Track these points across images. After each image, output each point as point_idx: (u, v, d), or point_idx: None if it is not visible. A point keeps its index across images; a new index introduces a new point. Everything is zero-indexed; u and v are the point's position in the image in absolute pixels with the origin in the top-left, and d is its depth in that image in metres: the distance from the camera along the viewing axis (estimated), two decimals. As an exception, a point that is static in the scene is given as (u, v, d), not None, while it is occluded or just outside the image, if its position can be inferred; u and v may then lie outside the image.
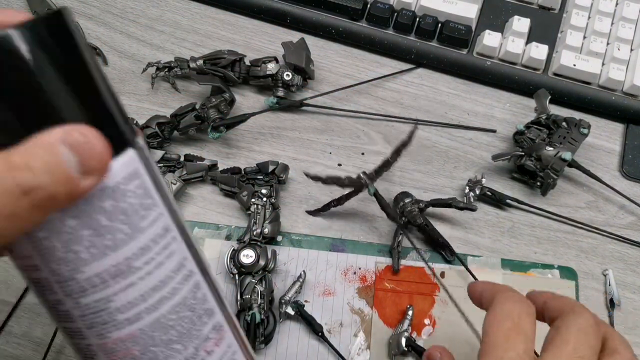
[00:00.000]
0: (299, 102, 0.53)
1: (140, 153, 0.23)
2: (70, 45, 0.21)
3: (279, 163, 0.50)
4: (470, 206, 0.48)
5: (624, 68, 0.55)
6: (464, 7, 0.56)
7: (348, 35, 0.57)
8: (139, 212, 0.22)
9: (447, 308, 0.46)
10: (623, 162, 0.54)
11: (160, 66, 0.53)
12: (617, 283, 0.49)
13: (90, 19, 0.57)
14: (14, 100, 0.19)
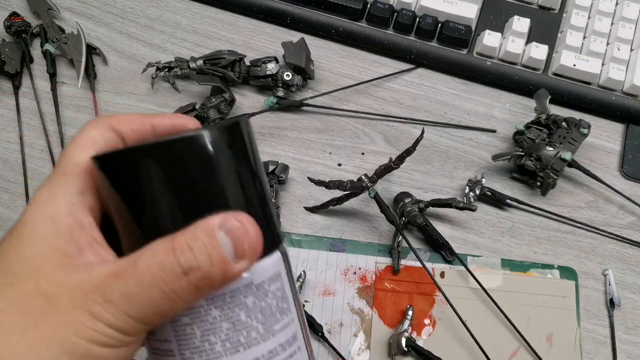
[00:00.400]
0: (299, 102, 0.53)
1: (284, 258, 0.24)
2: (244, 150, 0.23)
3: (279, 163, 0.50)
4: (470, 206, 0.48)
5: (624, 68, 0.55)
6: (464, 7, 0.56)
7: (348, 35, 0.57)
8: (275, 314, 0.23)
9: (447, 308, 0.46)
10: (623, 162, 0.54)
11: (160, 66, 0.53)
12: (617, 283, 0.49)
13: (90, 19, 0.57)
14: (195, 189, 0.21)
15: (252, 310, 0.22)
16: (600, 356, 0.47)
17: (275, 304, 0.23)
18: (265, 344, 0.23)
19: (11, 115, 0.53)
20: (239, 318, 0.22)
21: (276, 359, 0.23)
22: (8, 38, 0.55)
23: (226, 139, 0.22)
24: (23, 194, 0.50)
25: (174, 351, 0.22)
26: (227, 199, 0.22)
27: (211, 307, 0.22)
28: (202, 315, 0.22)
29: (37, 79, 0.54)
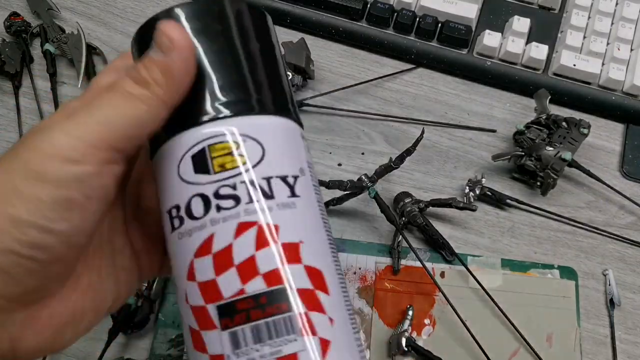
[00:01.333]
0: (299, 102, 0.53)
1: (303, 137, 0.26)
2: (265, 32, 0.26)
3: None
4: (470, 206, 0.48)
5: (624, 68, 0.55)
6: (464, 7, 0.56)
7: (348, 35, 0.57)
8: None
9: (447, 308, 0.46)
10: (623, 162, 0.54)
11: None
12: (617, 283, 0.49)
13: (90, 19, 0.57)
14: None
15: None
16: (600, 356, 0.47)
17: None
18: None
19: (11, 115, 0.53)
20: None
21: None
22: (8, 38, 0.55)
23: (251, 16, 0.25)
24: (23, 194, 0.50)
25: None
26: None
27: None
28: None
29: (37, 79, 0.54)
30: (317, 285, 0.22)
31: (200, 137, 0.23)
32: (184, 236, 0.23)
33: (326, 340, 0.22)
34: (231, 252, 0.22)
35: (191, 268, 0.22)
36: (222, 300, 0.22)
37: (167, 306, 0.46)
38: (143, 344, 0.45)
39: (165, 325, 0.45)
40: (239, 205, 0.22)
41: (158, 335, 0.45)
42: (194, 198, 0.23)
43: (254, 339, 0.21)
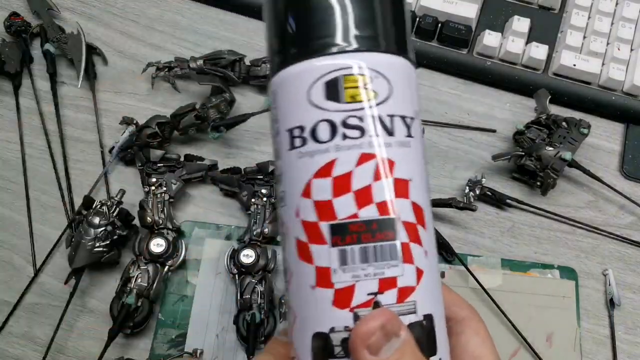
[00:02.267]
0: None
1: (415, 78, 0.26)
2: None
3: (279, 163, 0.49)
4: (470, 206, 0.48)
5: (624, 68, 0.55)
6: (464, 7, 0.56)
7: (348, 35, 0.57)
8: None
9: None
10: (623, 162, 0.54)
11: (160, 66, 0.53)
12: (617, 283, 0.49)
13: (90, 19, 0.57)
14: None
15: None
16: (600, 356, 0.47)
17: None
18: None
19: (11, 115, 0.53)
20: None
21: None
22: (8, 38, 0.55)
23: None
24: (23, 194, 0.50)
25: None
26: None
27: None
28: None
29: (37, 79, 0.54)
30: (419, 220, 0.25)
31: (335, 66, 0.24)
32: (305, 156, 0.24)
33: (421, 269, 0.24)
34: (350, 179, 0.24)
35: (308, 186, 0.24)
36: (335, 220, 0.24)
37: (167, 306, 0.46)
38: (143, 344, 0.45)
39: (165, 325, 0.45)
40: (364, 137, 0.24)
41: (158, 335, 0.45)
42: (322, 123, 0.24)
43: (361, 259, 0.23)
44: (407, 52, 0.26)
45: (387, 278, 0.24)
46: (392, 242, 0.24)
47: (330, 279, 0.24)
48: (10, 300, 0.46)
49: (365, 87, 0.24)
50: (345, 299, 0.23)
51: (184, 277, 0.47)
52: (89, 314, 0.46)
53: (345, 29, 0.25)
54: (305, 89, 0.25)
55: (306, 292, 0.24)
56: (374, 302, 0.23)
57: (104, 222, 0.44)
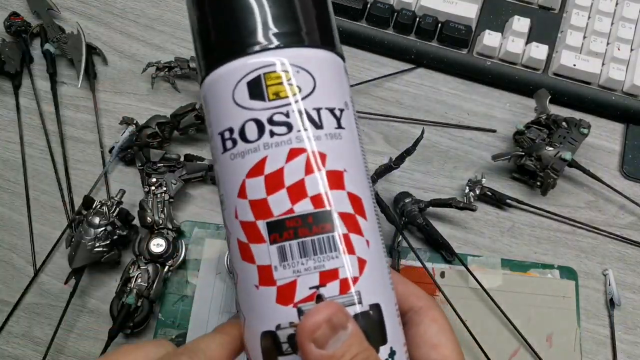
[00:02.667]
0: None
1: (344, 64, 0.27)
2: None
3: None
4: (470, 206, 0.48)
5: (624, 68, 0.55)
6: (464, 7, 0.56)
7: (348, 35, 0.57)
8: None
9: (447, 308, 0.46)
10: (623, 162, 0.54)
11: (160, 66, 0.53)
12: (617, 283, 0.49)
13: (90, 19, 0.57)
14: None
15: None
16: (600, 356, 0.47)
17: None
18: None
19: (11, 115, 0.53)
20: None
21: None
22: (8, 38, 0.55)
23: None
24: (23, 194, 0.50)
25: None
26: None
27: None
28: None
29: (37, 79, 0.54)
30: (357, 211, 0.25)
31: (255, 65, 0.25)
32: (237, 157, 0.25)
33: (363, 259, 0.24)
34: (282, 175, 0.24)
35: (243, 187, 0.24)
36: (272, 218, 0.24)
37: (167, 306, 0.46)
38: (143, 344, 0.45)
39: (165, 325, 0.45)
40: (291, 132, 0.24)
41: (158, 335, 0.45)
42: (249, 122, 0.24)
43: (300, 254, 0.24)
44: (332, 45, 0.26)
45: (328, 270, 0.24)
46: (330, 234, 0.24)
47: (273, 277, 0.24)
48: (10, 300, 0.46)
49: (289, 82, 0.24)
50: (288, 295, 0.24)
51: (184, 277, 0.47)
52: (89, 314, 0.46)
53: (264, 27, 0.25)
54: (230, 90, 0.25)
55: (251, 292, 0.25)
56: (317, 295, 0.23)
57: (104, 222, 0.44)
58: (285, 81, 0.24)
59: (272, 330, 0.24)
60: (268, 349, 0.24)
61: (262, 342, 0.24)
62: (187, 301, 0.46)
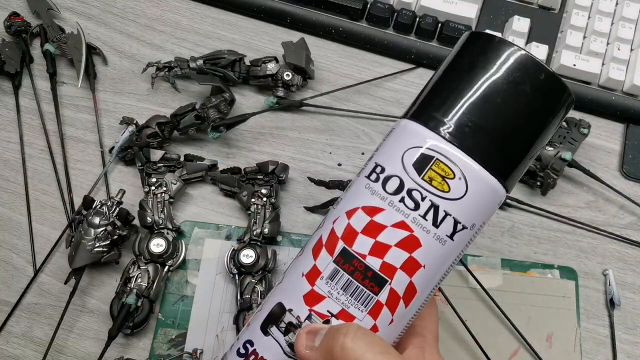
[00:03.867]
0: (299, 102, 0.53)
1: (503, 197, 0.30)
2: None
3: (279, 163, 0.50)
4: (470, 206, 0.48)
5: (624, 68, 0.55)
6: (464, 7, 0.56)
7: (348, 35, 0.57)
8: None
9: (447, 308, 0.46)
10: (623, 162, 0.54)
11: (161, 66, 0.53)
12: (617, 283, 0.49)
13: (90, 19, 0.58)
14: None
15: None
16: (600, 356, 0.47)
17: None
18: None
19: (11, 115, 0.53)
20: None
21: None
22: (8, 38, 0.55)
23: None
24: (23, 194, 0.50)
25: None
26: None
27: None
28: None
29: (37, 79, 0.54)
30: (405, 297, 0.28)
31: (439, 148, 0.28)
32: (369, 189, 0.28)
33: (377, 327, 0.28)
34: (381, 231, 0.28)
35: (353, 211, 0.28)
36: (349, 247, 0.28)
37: (167, 306, 0.46)
38: (143, 344, 0.45)
39: (165, 325, 0.45)
40: (414, 212, 0.27)
41: (158, 335, 0.45)
42: (395, 177, 0.28)
43: (342, 287, 0.28)
44: (504, 178, 0.28)
45: (348, 312, 0.28)
46: (372, 294, 0.28)
47: (315, 280, 0.28)
48: (10, 300, 0.46)
49: (446, 179, 0.27)
50: (313, 300, 0.28)
51: (184, 277, 0.47)
52: (89, 314, 0.46)
53: (470, 127, 0.27)
54: (406, 145, 0.28)
55: (297, 273, 0.29)
56: (327, 319, 0.28)
57: (104, 222, 0.44)
58: (444, 176, 0.27)
59: (285, 308, 0.28)
60: (273, 315, 0.29)
61: (274, 307, 0.29)
62: (187, 301, 0.46)
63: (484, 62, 0.28)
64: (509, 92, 0.27)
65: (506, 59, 0.28)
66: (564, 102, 0.29)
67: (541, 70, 0.28)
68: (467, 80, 0.28)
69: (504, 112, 0.28)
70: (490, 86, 0.28)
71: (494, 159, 0.28)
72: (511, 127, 0.28)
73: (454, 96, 0.28)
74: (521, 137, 0.28)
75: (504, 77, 0.28)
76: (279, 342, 0.28)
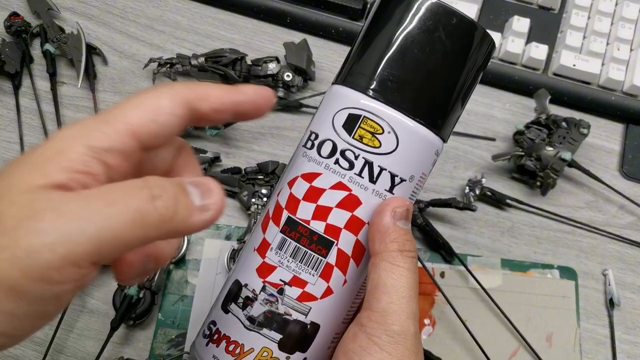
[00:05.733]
0: (297, 103, 0.53)
1: (436, 153, 0.30)
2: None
3: (279, 163, 0.50)
4: (470, 206, 0.48)
5: (624, 68, 0.55)
6: (463, 7, 0.56)
7: (348, 35, 0.57)
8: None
9: (447, 308, 0.46)
10: (623, 162, 0.54)
11: (162, 62, 0.53)
12: (617, 283, 0.49)
13: (90, 19, 0.57)
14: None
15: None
16: (600, 356, 0.47)
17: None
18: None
19: (11, 115, 0.53)
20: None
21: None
22: (8, 38, 0.55)
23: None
24: (23, 193, 0.50)
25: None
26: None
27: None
28: None
29: (37, 79, 0.54)
30: (355, 256, 0.29)
31: (365, 106, 0.28)
32: (305, 157, 0.29)
33: (331, 290, 0.28)
34: (321, 194, 0.28)
35: (294, 180, 0.29)
36: (293, 215, 0.29)
37: (167, 306, 0.46)
38: (143, 344, 0.45)
39: (165, 325, 0.45)
40: (350, 171, 0.28)
41: (158, 335, 0.45)
42: (328, 141, 0.29)
43: (291, 254, 0.28)
44: (437, 128, 0.29)
45: (300, 279, 0.28)
46: (320, 257, 0.28)
47: (266, 253, 0.29)
48: (10, 300, 0.46)
49: (376, 135, 0.28)
50: (265, 272, 0.29)
51: (183, 277, 0.47)
52: (89, 314, 0.46)
53: (392, 82, 0.28)
54: (336, 109, 0.29)
55: (249, 249, 0.30)
56: (280, 287, 0.28)
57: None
58: (374, 132, 0.28)
59: (241, 284, 0.29)
60: (231, 292, 0.30)
61: (231, 285, 0.30)
62: (187, 301, 0.46)
63: (397, 17, 0.29)
64: (424, 41, 0.28)
65: (417, 9, 0.28)
66: (480, 43, 0.29)
67: (452, 15, 0.28)
68: (383, 36, 0.29)
69: (422, 62, 0.28)
70: (405, 38, 0.28)
71: (419, 108, 0.28)
72: (431, 75, 0.28)
73: (373, 54, 0.29)
74: (443, 83, 0.29)
75: (417, 27, 0.28)
76: (239, 317, 0.29)
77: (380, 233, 0.27)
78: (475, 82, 0.30)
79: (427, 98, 0.28)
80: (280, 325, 0.28)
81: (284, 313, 0.28)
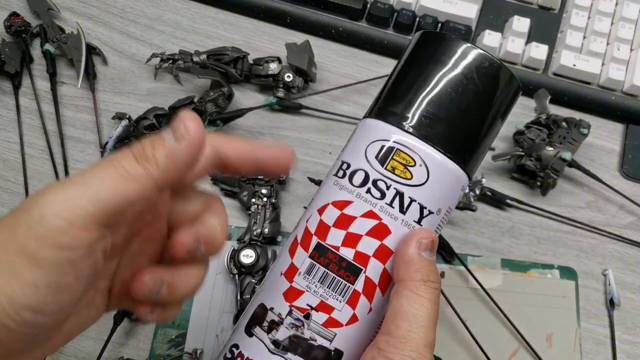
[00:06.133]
0: (298, 105, 0.53)
1: (462, 187, 0.31)
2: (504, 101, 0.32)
3: (279, 163, 0.50)
4: (470, 206, 0.48)
5: (624, 68, 0.55)
6: (464, 7, 0.56)
7: (348, 35, 0.57)
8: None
9: (447, 308, 0.46)
10: (623, 162, 0.54)
11: (165, 57, 0.53)
12: (617, 283, 0.49)
13: (90, 19, 0.57)
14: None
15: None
16: (600, 356, 0.47)
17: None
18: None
19: (11, 115, 0.53)
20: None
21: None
22: (8, 38, 0.55)
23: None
24: (23, 194, 0.50)
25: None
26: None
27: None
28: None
29: (37, 79, 0.54)
30: (381, 285, 0.29)
31: (398, 140, 0.29)
32: (337, 185, 0.30)
33: (356, 317, 0.29)
34: (352, 222, 0.29)
35: (325, 207, 0.30)
36: (323, 241, 0.29)
37: (167, 306, 0.46)
38: (143, 344, 0.45)
39: (165, 325, 0.45)
40: (381, 200, 0.29)
41: (158, 335, 0.45)
42: (360, 171, 0.29)
43: (320, 279, 0.29)
44: (464, 163, 0.30)
45: (327, 304, 0.28)
46: (348, 284, 0.28)
47: (293, 277, 0.29)
48: (10, 300, 0.46)
49: (408, 167, 0.29)
50: (292, 297, 0.29)
51: (184, 277, 0.47)
52: (89, 314, 0.46)
53: (425, 117, 0.29)
54: (369, 140, 0.30)
55: (276, 274, 0.30)
56: (307, 312, 0.29)
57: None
58: (406, 164, 0.29)
59: (267, 308, 0.29)
60: (256, 316, 0.30)
61: (256, 309, 0.30)
62: (187, 301, 0.46)
63: (433, 58, 0.30)
64: (459, 82, 0.30)
65: (453, 52, 0.30)
66: (511, 87, 0.31)
67: (485, 60, 0.30)
68: (419, 75, 0.30)
69: (456, 101, 0.29)
70: (441, 78, 0.30)
71: (450, 144, 0.29)
72: (463, 114, 0.30)
73: (409, 91, 0.30)
74: (474, 123, 0.30)
75: (452, 69, 0.30)
76: (263, 341, 0.29)
77: (405, 262, 0.28)
78: (503, 120, 0.32)
79: (457, 135, 0.30)
80: (305, 350, 0.28)
81: (309, 338, 0.28)
